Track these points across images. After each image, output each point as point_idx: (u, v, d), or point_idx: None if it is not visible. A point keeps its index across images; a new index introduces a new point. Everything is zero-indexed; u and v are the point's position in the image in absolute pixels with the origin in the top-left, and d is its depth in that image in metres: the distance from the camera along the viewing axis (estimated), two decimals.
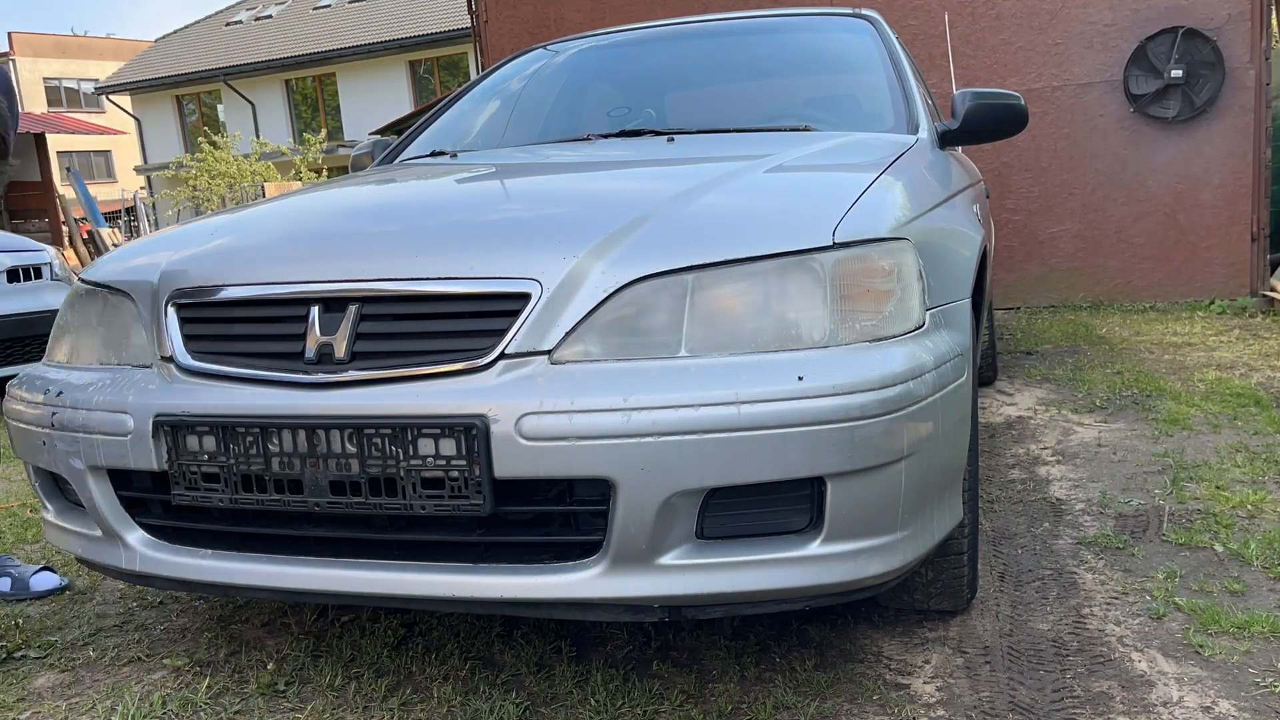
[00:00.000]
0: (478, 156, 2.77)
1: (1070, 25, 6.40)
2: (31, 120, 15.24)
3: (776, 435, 1.44)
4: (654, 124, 2.76)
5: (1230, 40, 6.13)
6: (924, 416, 1.56)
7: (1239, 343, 5.01)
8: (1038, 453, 3.27)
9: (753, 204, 1.76)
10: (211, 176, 23.03)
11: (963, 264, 1.97)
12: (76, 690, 1.98)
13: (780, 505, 1.55)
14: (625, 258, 1.56)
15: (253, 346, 1.68)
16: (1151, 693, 1.74)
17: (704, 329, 1.53)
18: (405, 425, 1.51)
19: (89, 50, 38.57)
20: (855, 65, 2.98)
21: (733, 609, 1.60)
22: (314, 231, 1.88)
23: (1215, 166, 6.25)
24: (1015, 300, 6.66)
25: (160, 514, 1.79)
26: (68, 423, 1.77)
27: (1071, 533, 2.52)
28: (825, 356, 1.50)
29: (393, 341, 1.59)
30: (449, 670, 1.96)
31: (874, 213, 1.66)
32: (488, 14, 7.42)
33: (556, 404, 1.46)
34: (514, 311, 1.54)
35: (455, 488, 1.51)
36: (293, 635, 2.17)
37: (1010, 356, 5.01)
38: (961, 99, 2.56)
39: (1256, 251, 6.24)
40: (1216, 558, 2.30)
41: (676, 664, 1.94)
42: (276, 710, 1.85)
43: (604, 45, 3.36)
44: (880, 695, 1.78)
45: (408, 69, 26.26)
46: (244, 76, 27.82)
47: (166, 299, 1.77)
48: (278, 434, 1.58)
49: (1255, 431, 3.34)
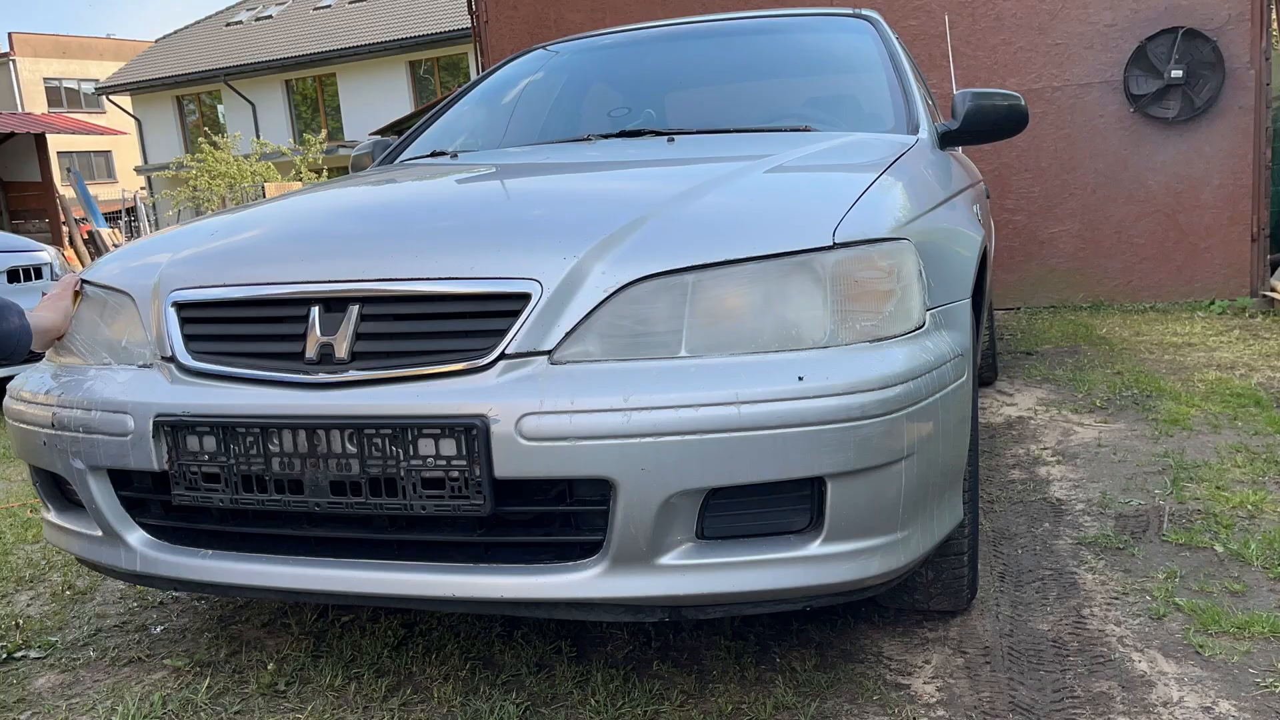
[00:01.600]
0: (478, 157, 2.77)
1: (1070, 25, 6.40)
2: (31, 120, 15.23)
3: (777, 435, 1.44)
4: (654, 124, 2.76)
5: (1230, 40, 6.13)
6: (924, 417, 1.56)
7: (1239, 343, 5.01)
8: (1038, 453, 3.27)
9: (753, 204, 1.76)
10: (211, 177, 23.02)
11: (963, 264, 1.97)
12: (76, 690, 1.98)
13: (780, 505, 1.55)
14: (625, 258, 1.56)
15: (253, 347, 1.68)
16: (1151, 693, 1.74)
17: (704, 329, 1.53)
18: (405, 425, 1.51)
19: (89, 50, 38.57)
20: (855, 65, 2.98)
21: (733, 609, 1.60)
22: (314, 232, 1.88)
23: (1215, 167, 6.25)
24: (1015, 300, 6.66)
25: (160, 514, 1.79)
26: (68, 423, 1.77)
27: (1072, 533, 2.52)
28: (825, 357, 1.51)
29: (393, 342, 1.59)
30: (449, 670, 1.96)
31: (874, 213, 1.66)
32: (488, 14, 7.42)
33: (557, 404, 1.46)
34: (514, 312, 1.54)
35: (455, 488, 1.51)
36: (293, 635, 2.17)
37: (1010, 357, 5.01)
38: (961, 99, 2.56)
39: (1256, 252, 6.24)
40: (1217, 558, 2.30)
41: (676, 664, 1.94)
42: (277, 710, 1.85)
43: (604, 45, 3.36)
44: (880, 695, 1.78)
45: (408, 69, 26.26)
46: (244, 77, 27.81)
47: (167, 299, 1.77)
48: (278, 434, 1.58)
49: (1255, 432, 3.34)
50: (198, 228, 2.05)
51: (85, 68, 37.80)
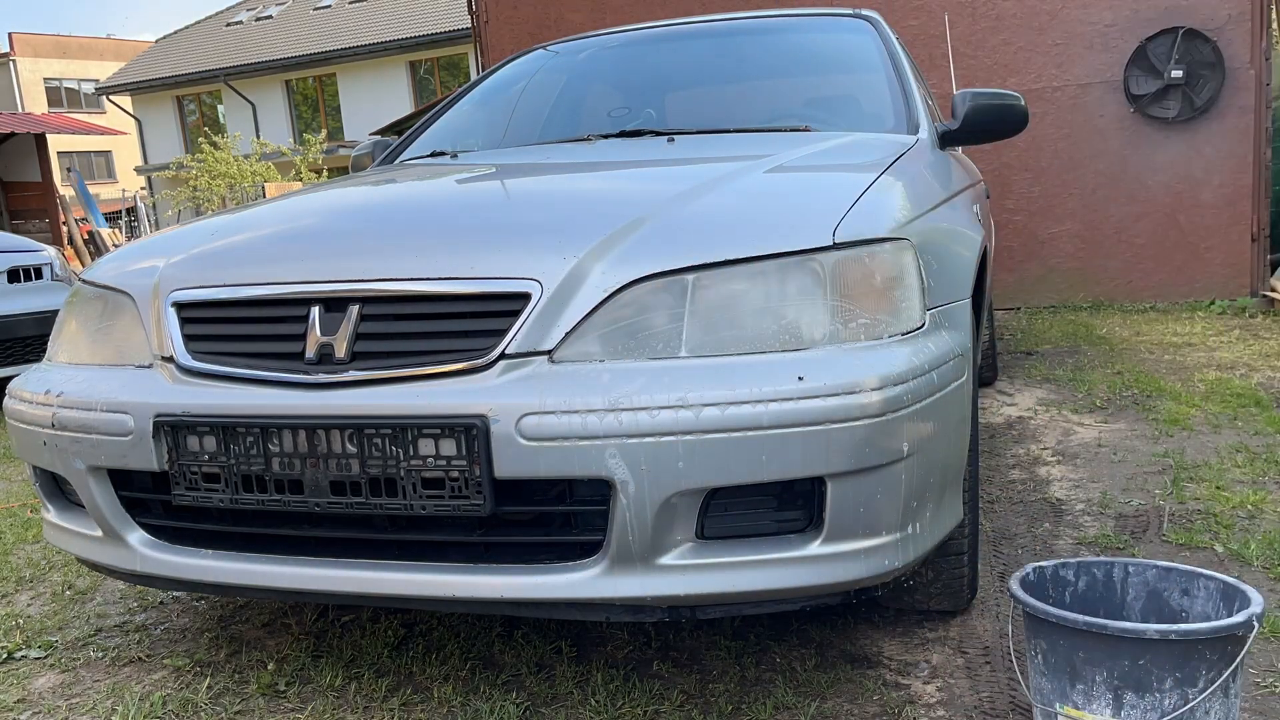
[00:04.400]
0: (478, 157, 2.77)
1: (1070, 25, 6.40)
2: (31, 120, 15.22)
3: (777, 435, 1.44)
4: (654, 124, 2.76)
5: (1230, 40, 6.13)
6: (924, 416, 1.56)
7: (1239, 343, 5.01)
8: (1038, 453, 3.27)
9: (753, 204, 1.76)
10: (212, 177, 23.02)
11: (963, 264, 1.97)
12: (76, 690, 1.98)
13: (780, 505, 1.55)
14: (625, 258, 1.56)
15: (253, 347, 1.68)
16: None
17: (704, 329, 1.53)
18: (405, 425, 1.51)
19: (89, 50, 38.56)
20: (855, 65, 2.98)
21: (733, 609, 1.60)
22: (314, 232, 1.88)
23: (1215, 167, 6.25)
24: (1015, 300, 6.66)
25: (161, 514, 1.79)
26: (68, 423, 1.77)
27: (1072, 533, 2.52)
28: (825, 356, 1.51)
29: (393, 341, 1.59)
30: (449, 670, 1.96)
31: (874, 213, 1.67)
32: (488, 14, 7.42)
33: (557, 404, 1.46)
34: (514, 311, 1.54)
35: (455, 488, 1.51)
36: (293, 635, 2.17)
37: (1010, 357, 5.01)
38: (962, 99, 2.56)
39: (1257, 252, 6.24)
40: (1217, 558, 2.30)
41: (676, 664, 1.94)
42: (277, 710, 1.85)
43: (604, 46, 3.36)
44: (880, 695, 1.78)
45: (408, 69, 26.25)
46: (244, 77, 27.80)
47: (167, 299, 1.77)
48: (278, 434, 1.58)
49: (1255, 431, 3.34)
50: (198, 228, 2.05)
51: (85, 68, 37.79)
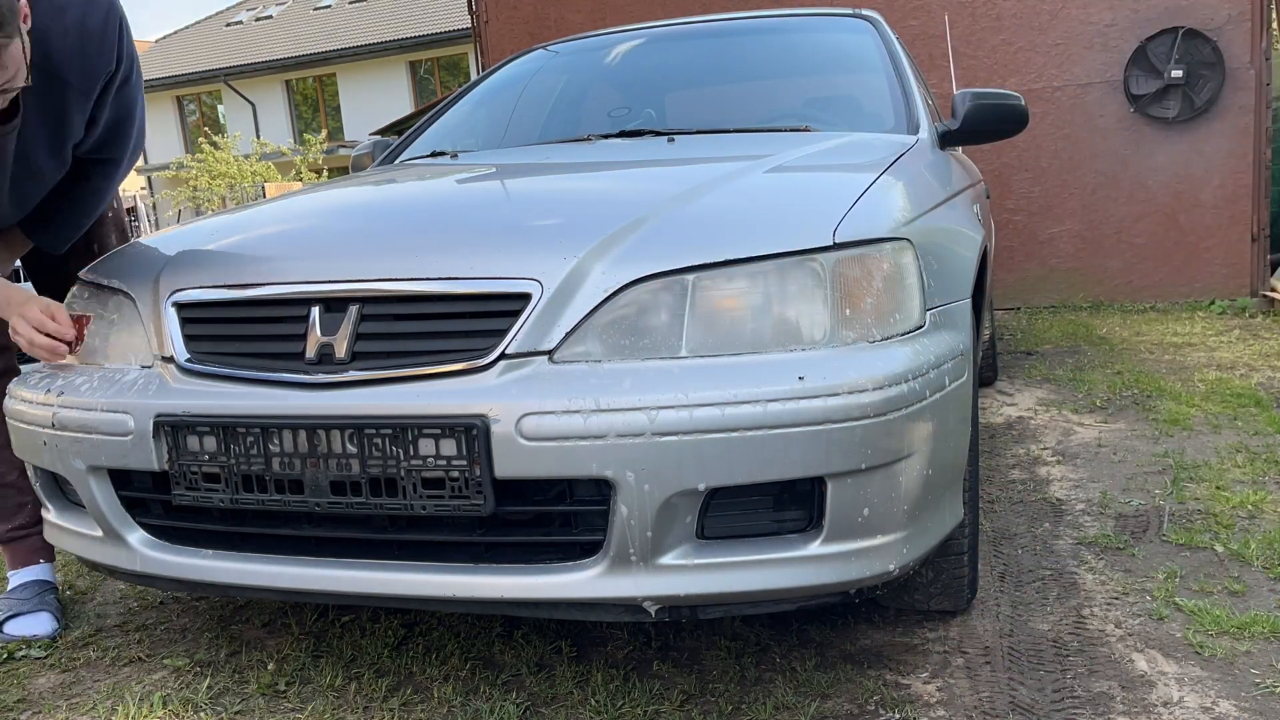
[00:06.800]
0: (478, 157, 2.77)
1: (1070, 25, 6.40)
2: None
3: (777, 435, 1.44)
4: (654, 124, 2.76)
5: (1230, 40, 6.13)
6: (924, 417, 1.56)
7: (1239, 343, 5.01)
8: (1038, 453, 3.27)
9: (753, 204, 1.76)
10: (212, 177, 23.03)
11: (963, 264, 1.97)
12: (76, 690, 1.98)
13: (781, 505, 1.55)
14: (625, 258, 1.56)
15: (253, 347, 1.68)
16: (1152, 693, 1.74)
17: (704, 329, 1.53)
18: (406, 425, 1.51)
19: None
20: (855, 65, 2.98)
21: (733, 609, 1.60)
22: (314, 232, 1.88)
23: (1215, 167, 6.24)
24: (1015, 300, 6.66)
25: (161, 514, 1.79)
26: (68, 423, 1.77)
27: (1072, 533, 2.52)
28: (826, 356, 1.51)
29: (393, 342, 1.59)
30: (449, 670, 1.96)
31: (874, 213, 1.67)
32: (488, 14, 7.42)
33: (557, 404, 1.46)
34: (514, 312, 1.54)
35: (456, 488, 1.51)
36: (293, 635, 2.17)
37: (1010, 357, 5.01)
38: (961, 99, 2.56)
39: (1256, 252, 6.24)
40: (1217, 558, 2.30)
41: (676, 664, 1.94)
42: (277, 710, 1.85)
43: (604, 45, 3.36)
44: (880, 695, 1.78)
45: (408, 69, 26.26)
46: (244, 77, 27.80)
47: (167, 299, 1.77)
48: (278, 434, 1.58)
49: (1255, 432, 3.34)
50: (198, 228, 2.05)
51: None
